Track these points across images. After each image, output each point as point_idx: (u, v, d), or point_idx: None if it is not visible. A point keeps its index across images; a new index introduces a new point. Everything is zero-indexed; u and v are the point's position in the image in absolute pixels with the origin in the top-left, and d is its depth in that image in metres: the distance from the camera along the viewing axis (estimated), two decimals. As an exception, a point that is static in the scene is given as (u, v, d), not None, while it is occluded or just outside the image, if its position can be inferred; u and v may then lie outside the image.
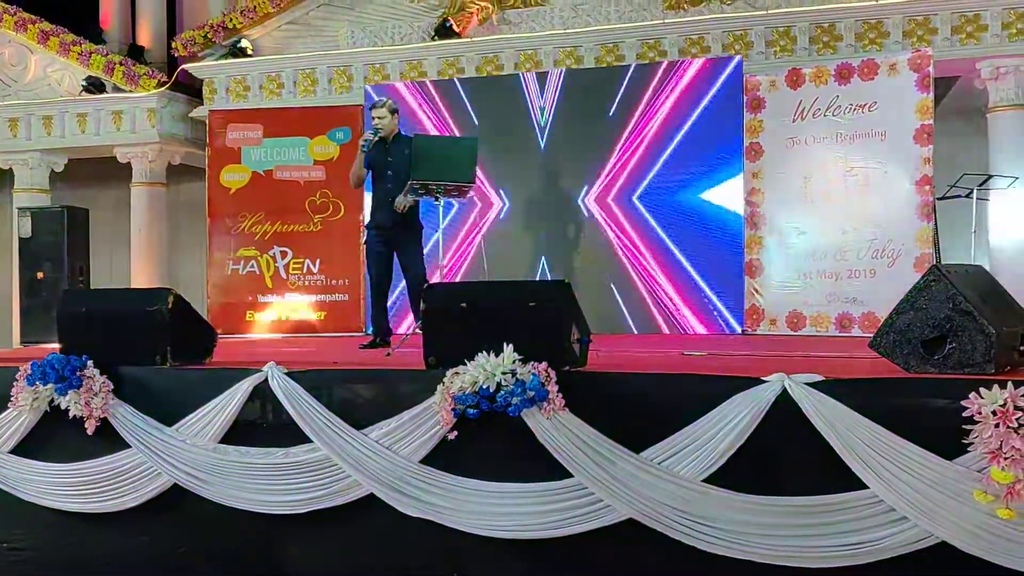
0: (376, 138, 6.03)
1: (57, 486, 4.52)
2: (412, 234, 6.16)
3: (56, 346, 4.68)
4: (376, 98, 6.92)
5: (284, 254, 8.50)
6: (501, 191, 8.12)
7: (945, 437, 3.25)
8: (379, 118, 6.09)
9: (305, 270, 8.48)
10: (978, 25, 8.91)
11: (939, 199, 7.10)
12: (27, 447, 4.58)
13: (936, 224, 6.88)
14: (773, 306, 7.36)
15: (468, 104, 8.27)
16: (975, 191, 7.24)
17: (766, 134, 7.42)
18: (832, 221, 7.12)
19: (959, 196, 7.41)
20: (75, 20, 12.28)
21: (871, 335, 3.83)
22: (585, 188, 7.92)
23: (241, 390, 4.22)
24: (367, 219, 6.47)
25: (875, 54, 8.53)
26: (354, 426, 4.03)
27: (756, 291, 7.43)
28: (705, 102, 7.67)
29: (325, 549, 4.16)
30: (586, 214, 7.92)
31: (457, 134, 8.10)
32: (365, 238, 6.29)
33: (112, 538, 4.49)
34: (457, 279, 7.92)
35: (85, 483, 4.48)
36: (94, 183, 13.34)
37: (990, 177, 7.46)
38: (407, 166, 5.74)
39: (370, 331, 6.46)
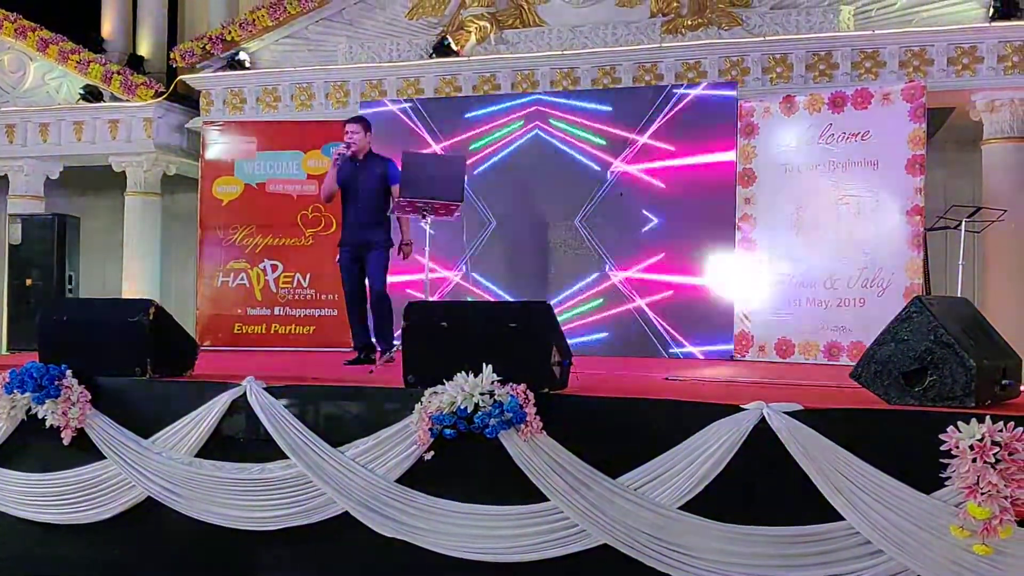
0: (349, 152, 6.03)
1: (30, 496, 4.50)
2: (378, 249, 6.13)
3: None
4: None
5: (275, 267, 8.47)
6: (490, 210, 8.09)
7: (923, 470, 3.23)
8: (352, 132, 6.09)
9: (295, 284, 8.44)
10: (974, 57, 8.95)
11: (928, 230, 7.08)
12: (2, 456, 4.55)
13: (926, 255, 6.87)
14: (762, 332, 7.32)
15: (462, 122, 8.26)
16: (963, 223, 7.23)
17: (759, 160, 7.41)
18: (823, 249, 7.09)
19: (947, 227, 7.40)
20: (77, 28, 12.30)
21: (859, 364, 3.81)
22: (577, 209, 7.89)
23: (219, 404, 4.20)
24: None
25: (870, 83, 8.57)
26: (331, 443, 4.01)
27: (745, 317, 7.40)
28: (699, 127, 7.66)
29: (298, 567, 4.12)
30: (578, 233, 7.89)
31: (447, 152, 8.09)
32: (338, 256, 6.28)
33: (84, 550, 4.47)
34: (442, 298, 7.87)
35: (59, 494, 4.46)
36: (89, 191, 13.35)
37: (979, 209, 7.45)
38: (377, 185, 5.78)
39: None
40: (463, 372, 3.77)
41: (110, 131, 11.79)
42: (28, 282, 8.53)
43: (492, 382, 3.71)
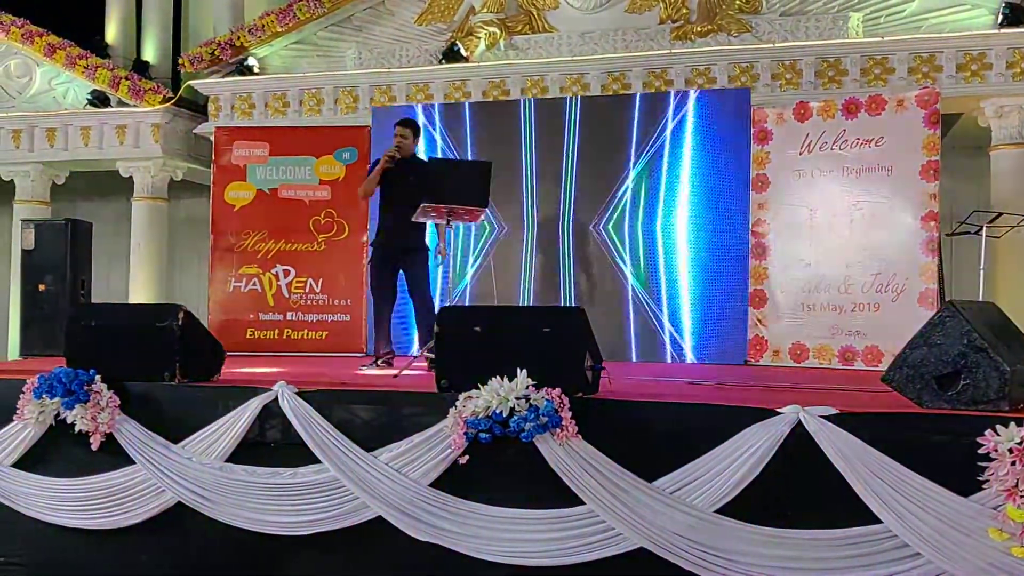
0: (399, 155, 6.05)
1: (59, 501, 4.49)
2: (419, 256, 6.15)
3: (60, 359, 4.66)
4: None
5: (287, 272, 8.46)
6: (507, 216, 8.10)
7: (959, 473, 3.26)
8: (402, 136, 6.11)
9: (308, 289, 8.44)
10: (983, 63, 9.00)
11: (948, 235, 7.10)
12: (30, 461, 4.56)
13: (941, 260, 6.90)
14: (777, 337, 7.35)
15: (476, 128, 8.28)
16: (984, 228, 7.25)
17: (773, 166, 7.43)
18: (837, 254, 7.11)
19: (968, 232, 7.42)
20: (81, 34, 12.29)
21: (874, 368, 3.85)
22: (593, 215, 7.92)
23: (250, 408, 4.21)
24: (373, 236, 6.44)
25: (880, 89, 8.62)
26: (363, 447, 4.01)
27: (760, 322, 7.42)
28: (712, 132, 7.70)
29: (330, 572, 4.13)
30: (594, 241, 7.91)
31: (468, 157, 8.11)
32: (370, 255, 6.27)
33: (112, 555, 4.46)
34: (462, 303, 7.87)
35: (88, 499, 4.45)
36: (94, 196, 13.35)
37: (1000, 215, 7.48)
38: (417, 188, 5.76)
39: (372, 351, 6.42)
40: (497, 377, 3.79)
41: (117, 136, 11.79)
42: (41, 287, 8.52)
43: (527, 386, 3.73)
